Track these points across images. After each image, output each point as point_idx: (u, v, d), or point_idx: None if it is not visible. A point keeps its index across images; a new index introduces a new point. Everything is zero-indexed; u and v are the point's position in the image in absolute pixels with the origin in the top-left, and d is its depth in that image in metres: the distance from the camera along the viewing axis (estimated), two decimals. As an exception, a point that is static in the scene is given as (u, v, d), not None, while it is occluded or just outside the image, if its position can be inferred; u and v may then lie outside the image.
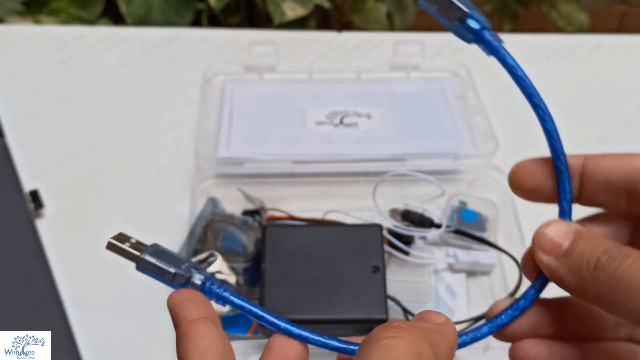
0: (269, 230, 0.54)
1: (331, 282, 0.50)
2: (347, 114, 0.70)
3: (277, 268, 0.51)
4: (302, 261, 0.51)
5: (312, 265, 0.51)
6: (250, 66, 0.76)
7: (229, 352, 0.29)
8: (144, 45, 0.82)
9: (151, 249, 0.32)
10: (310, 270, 0.51)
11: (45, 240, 0.61)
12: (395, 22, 1.21)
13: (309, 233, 0.53)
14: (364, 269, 0.51)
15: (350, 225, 0.56)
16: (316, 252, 0.52)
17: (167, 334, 0.58)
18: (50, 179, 0.67)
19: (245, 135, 0.68)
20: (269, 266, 0.52)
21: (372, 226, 0.55)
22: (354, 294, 0.50)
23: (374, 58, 0.80)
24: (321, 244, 0.52)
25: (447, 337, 0.27)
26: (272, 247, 0.53)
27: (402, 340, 0.25)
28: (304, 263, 0.51)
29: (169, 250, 0.32)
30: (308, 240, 0.53)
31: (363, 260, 0.52)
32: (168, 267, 0.31)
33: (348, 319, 0.49)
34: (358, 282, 0.51)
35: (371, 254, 0.52)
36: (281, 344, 0.30)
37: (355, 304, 0.49)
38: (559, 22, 1.32)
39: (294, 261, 0.51)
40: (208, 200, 0.63)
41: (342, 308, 0.49)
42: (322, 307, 0.49)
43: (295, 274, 0.51)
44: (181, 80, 0.78)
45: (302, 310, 0.49)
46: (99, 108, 0.75)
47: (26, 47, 0.82)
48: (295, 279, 0.51)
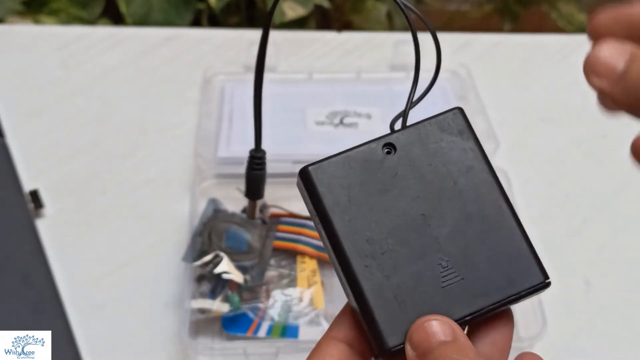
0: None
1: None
2: (347, 114, 0.70)
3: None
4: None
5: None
6: (250, 66, 0.76)
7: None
8: (144, 45, 0.82)
9: None
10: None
11: (45, 240, 0.61)
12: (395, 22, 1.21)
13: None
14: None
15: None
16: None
17: (167, 334, 0.58)
18: (50, 179, 0.67)
19: (245, 135, 0.68)
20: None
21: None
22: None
23: (374, 58, 0.80)
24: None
25: None
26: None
27: None
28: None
29: None
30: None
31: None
32: None
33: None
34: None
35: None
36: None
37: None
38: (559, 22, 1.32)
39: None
40: (209, 202, 0.63)
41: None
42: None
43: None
44: (181, 80, 0.78)
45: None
46: (99, 108, 0.75)
47: (26, 47, 0.82)
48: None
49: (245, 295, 0.57)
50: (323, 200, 0.29)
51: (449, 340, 0.26)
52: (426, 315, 0.27)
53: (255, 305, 0.56)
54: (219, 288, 0.56)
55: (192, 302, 0.55)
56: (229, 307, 0.55)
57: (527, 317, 0.57)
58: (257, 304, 0.57)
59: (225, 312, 0.55)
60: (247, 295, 0.57)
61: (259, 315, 0.56)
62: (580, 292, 0.61)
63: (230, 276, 0.56)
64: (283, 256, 0.60)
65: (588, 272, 0.62)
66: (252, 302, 0.57)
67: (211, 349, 0.55)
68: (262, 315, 0.56)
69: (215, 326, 0.57)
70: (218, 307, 0.55)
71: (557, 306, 0.57)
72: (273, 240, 0.60)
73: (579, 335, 0.59)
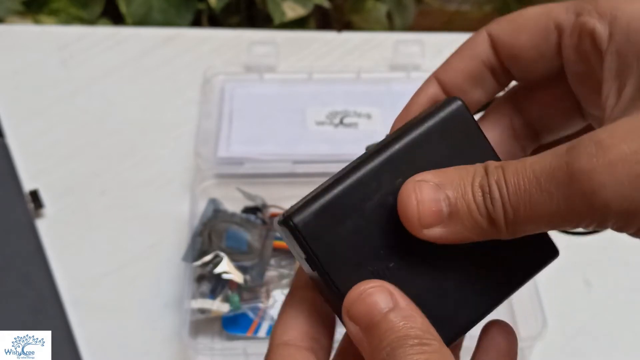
0: (304, 231, 0.27)
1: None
2: (347, 114, 0.70)
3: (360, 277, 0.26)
4: (385, 237, 0.27)
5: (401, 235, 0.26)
6: (250, 66, 0.76)
7: None
8: (144, 45, 0.82)
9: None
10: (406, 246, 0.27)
11: (45, 240, 0.61)
12: (395, 22, 1.21)
13: (359, 193, 0.27)
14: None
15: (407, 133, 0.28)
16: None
17: (167, 334, 0.58)
18: (50, 179, 0.67)
19: (245, 135, 0.68)
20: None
21: (443, 110, 0.28)
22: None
23: (374, 58, 0.80)
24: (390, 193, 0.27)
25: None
26: (329, 255, 0.27)
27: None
28: (389, 238, 0.27)
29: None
30: (369, 204, 0.27)
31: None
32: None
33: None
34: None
35: (473, 154, 0.28)
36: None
37: (511, 256, 0.28)
38: (559, 22, 1.32)
39: (375, 244, 0.27)
40: (209, 202, 0.63)
41: (500, 274, 0.28)
42: (471, 290, 0.28)
43: (390, 260, 0.27)
44: (181, 80, 0.78)
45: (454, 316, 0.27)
46: (99, 108, 0.75)
47: (26, 47, 0.82)
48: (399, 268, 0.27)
49: (245, 295, 0.57)
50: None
51: (391, 308, 0.24)
52: (359, 284, 0.25)
53: (255, 305, 0.57)
54: (219, 288, 0.56)
55: (192, 302, 0.55)
56: (229, 307, 0.55)
57: (527, 317, 0.57)
58: (257, 304, 0.57)
59: (225, 312, 0.55)
60: (247, 295, 0.57)
61: (259, 315, 0.56)
62: (580, 292, 0.61)
63: (230, 276, 0.56)
64: (283, 256, 0.60)
65: (588, 272, 0.62)
66: (252, 302, 0.57)
67: (211, 349, 0.55)
68: (262, 315, 0.57)
69: (215, 326, 0.57)
70: (218, 307, 0.55)
71: (557, 306, 0.57)
72: (273, 240, 0.60)
73: (579, 335, 0.59)
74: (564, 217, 0.23)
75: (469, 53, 0.30)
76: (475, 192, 0.25)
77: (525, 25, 0.29)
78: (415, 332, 0.24)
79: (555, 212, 0.23)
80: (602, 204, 0.22)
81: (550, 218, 0.24)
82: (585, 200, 0.23)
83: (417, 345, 0.23)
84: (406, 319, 0.24)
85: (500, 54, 0.29)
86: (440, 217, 0.25)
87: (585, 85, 0.28)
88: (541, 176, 0.23)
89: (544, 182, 0.23)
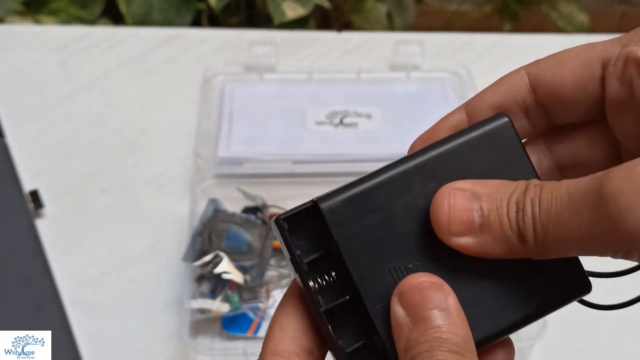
0: (329, 216, 0.26)
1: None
2: (347, 114, 0.70)
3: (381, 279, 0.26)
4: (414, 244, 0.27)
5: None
6: (250, 66, 0.76)
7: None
8: (144, 45, 0.82)
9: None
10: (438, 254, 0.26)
11: (45, 240, 0.61)
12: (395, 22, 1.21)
13: (394, 191, 0.27)
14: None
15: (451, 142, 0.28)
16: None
17: (167, 334, 0.58)
18: (50, 179, 0.67)
19: (245, 135, 0.68)
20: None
21: (488, 124, 0.28)
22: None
23: (374, 58, 0.80)
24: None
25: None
26: (349, 244, 0.26)
27: None
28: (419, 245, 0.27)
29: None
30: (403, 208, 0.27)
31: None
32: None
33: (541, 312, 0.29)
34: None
35: (512, 171, 0.27)
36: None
37: (540, 281, 0.28)
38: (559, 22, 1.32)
39: (398, 243, 0.27)
40: (209, 202, 0.63)
41: (525, 298, 0.28)
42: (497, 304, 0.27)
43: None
44: (181, 80, 0.78)
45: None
46: (99, 108, 0.75)
47: (26, 47, 0.82)
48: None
49: (245, 295, 0.57)
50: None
51: (443, 308, 0.25)
52: (420, 273, 0.25)
53: (255, 305, 0.57)
54: (219, 288, 0.56)
55: (192, 302, 0.55)
56: (229, 307, 0.55)
57: (527, 317, 0.57)
58: (257, 304, 0.57)
59: (225, 312, 0.55)
60: (247, 295, 0.57)
61: (259, 315, 0.56)
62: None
63: (230, 276, 0.56)
64: (283, 256, 0.60)
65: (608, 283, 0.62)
66: (252, 302, 0.57)
67: (211, 349, 0.55)
68: (262, 315, 0.57)
69: (215, 326, 0.57)
70: (218, 307, 0.55)
71: (557, 306, 0.57)
72: (273, 240, 0.60)
73: (579, 335, 0.59)
74: (591, 240, 0.23)
75: (504, 88, 0.30)
76: (510, 207, 0.25)
77: (569, 59, 0.29)
78: (458, 340, 0.24)
79: (583, 234, 0.23)
80: (627, 231, 0.22)
81: (578, 241, 0.23)
82: (611, 224, 0.22)
83: (455, 354, 0.24)
84: (453, 325, 0.24)
85: (540, 92, 0.29)
86: (471, 227, 0.25)
87: (625, 115, 0.28)
88: (574, 197, 0.23)
89: (575, 202, 0.23)
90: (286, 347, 0.26)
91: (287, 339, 0.27)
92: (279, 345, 0.27)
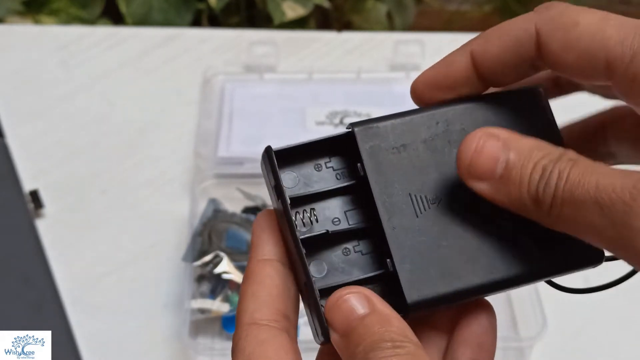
0: (359, 134, 0.27)
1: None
2: (347, 114, 0.70)
3: (401, 206, 0.27)
4: (431, 181, 0.27)
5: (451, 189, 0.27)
6: (250, 66, 0.76)
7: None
8: (144, 45, 0.82)
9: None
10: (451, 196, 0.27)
11: (45, 240, 0.61)
12: (395, 22, 1.21)
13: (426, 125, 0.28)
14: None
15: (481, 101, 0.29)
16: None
17: (167, 334, 0.59)
18: (50, 179, 0.67)
19: (245, 135, 0.68)
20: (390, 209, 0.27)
21: (521, 93, 0.29)
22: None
23: (374, 58, 0.80)
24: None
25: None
26: (374, 165, 0.27)
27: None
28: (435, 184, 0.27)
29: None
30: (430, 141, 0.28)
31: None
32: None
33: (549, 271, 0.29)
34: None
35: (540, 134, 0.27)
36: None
37: (553, 242, 0.27)
38: (559, 22, 1.32)
39: (420, 174, 0.27)
40: (209, 202, 0.63)
41: (533, 254, 0.27)
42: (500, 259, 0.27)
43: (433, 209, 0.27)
44: (181, 80, 0.78)
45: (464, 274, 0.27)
46: (99, 108, 0.75)
47: (26, 47, 0.82)
48: (439, 220, 0.27)
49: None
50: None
51: (367, 312, 0.24)
52: (337, 291, 0.25)
53: (255, 305, 0.56)
54: (219, 288, 0.56)
55: (192, 302, 0.55)
56: (229, 307, 0.55)
57: (527, 317, 0.57)
58: (257, 304, 0.57)
59: (225, 312, 0.55)
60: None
61: (259, 315, 0.56)
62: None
63: (230, 276, 0.56)
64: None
65: (588, 272, 0.62)
66: (252, 302, 0.57)
67: (211, 349, 0.55)
68: (262, 315, 0.56)
69: (215, 326, 0.57)
70: (218, 307, 0.55)
71: (557, 306, 0.57)
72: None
73: (579, 335, 0.59)
74: (606, 244, 0.23)
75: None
76: (536, 169, 0.24)
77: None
78: (390, 335, 0.23)
79: (601, 236, 0.23)
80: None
81: (593, 236, 0.23)
82: (633, 252, 0.22)
83: (391, 348, 0.23)
84: (382, 323, 0.24)
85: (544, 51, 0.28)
86: (491, 175, 0.25)
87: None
88: (601, 194, 0.22)
89: (601, 201, 0.22)
90: (262, 314, 0.26)
91: (263, 305, 0.26)
92: (254, 314, 0.26)
